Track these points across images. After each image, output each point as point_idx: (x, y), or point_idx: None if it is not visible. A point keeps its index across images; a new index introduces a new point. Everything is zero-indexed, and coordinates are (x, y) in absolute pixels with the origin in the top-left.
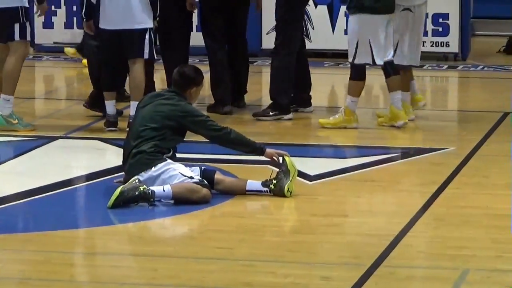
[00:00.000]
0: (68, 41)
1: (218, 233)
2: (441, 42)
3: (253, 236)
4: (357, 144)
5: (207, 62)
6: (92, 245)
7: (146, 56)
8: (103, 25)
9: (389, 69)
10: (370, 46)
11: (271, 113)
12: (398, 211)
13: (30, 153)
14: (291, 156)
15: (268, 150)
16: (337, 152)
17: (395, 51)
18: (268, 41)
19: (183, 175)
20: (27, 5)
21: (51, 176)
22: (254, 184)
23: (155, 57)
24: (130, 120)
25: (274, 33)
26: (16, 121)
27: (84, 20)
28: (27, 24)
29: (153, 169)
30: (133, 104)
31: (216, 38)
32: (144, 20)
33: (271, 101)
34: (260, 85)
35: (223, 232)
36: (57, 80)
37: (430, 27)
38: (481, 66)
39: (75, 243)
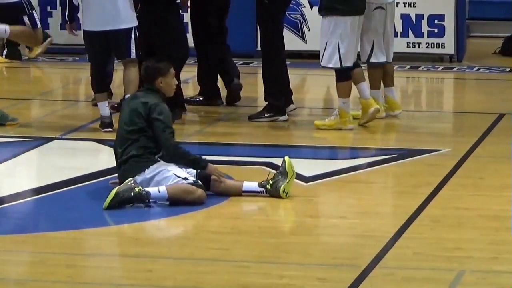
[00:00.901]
0: (63, 42)
1: (214, 234)
2: (436, 44)
3: (249, 237)
4: (353, 145)
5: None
6: (87, 246)
7: (133, 55)
8: (88, 27)
9: (355, 62)
10: (338, 48)
11: (266, 115)
12: (393, 212)
13: (25, 154)
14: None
15: (211, 165)
16: (333, 153)
17: (372, 50)
18: None
19: (177, 176)
20: None
21: (46, 177)
22: (250, 185)
23: (139, 55)
24: None
25: None
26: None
27: (68, 22)
28: (34, 12)
29: (146, 171)
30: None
31: (212, 37)
32: (129, 19)
33: (266, 103)
34: (255, 86)
35: (219, 233)
36: (52, 81)
37: (425, 28)
38: (476, 68)
39: (70, 244)
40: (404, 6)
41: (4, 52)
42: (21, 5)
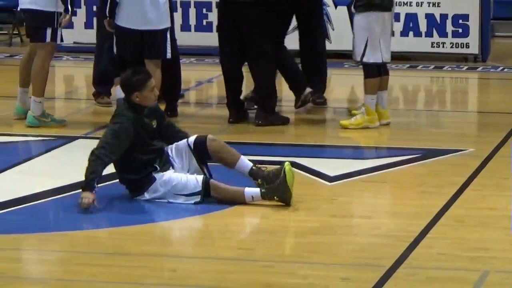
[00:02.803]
0: (88, 41)
1: (237, 233)
2: (461, 43)
3: (273, 236)
4: (377, 145)
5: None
6: (111, 245)
7: (168, 55)
8: (123, 23)
9: (385, 68)
10: (380, 43)
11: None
12: (417, 212)
13: (49, 153)
14: (312, 157)
15: (86, 193)
16: (357, 153)
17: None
18: None
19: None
20: (61, 10)
21: (71, 176)
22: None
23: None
24: None
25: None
26: (49, 119)
27: (108, 17)
28: (59, 28)
29: (146, 195)
30: None
31: None
32: (167, 19)
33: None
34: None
35: (242, 233)
36: (77, 80)
37: (450, 28)
38: (501, 68)
39: (94, 243)
40: (429, 6)
41: None
42: (52, 15)
